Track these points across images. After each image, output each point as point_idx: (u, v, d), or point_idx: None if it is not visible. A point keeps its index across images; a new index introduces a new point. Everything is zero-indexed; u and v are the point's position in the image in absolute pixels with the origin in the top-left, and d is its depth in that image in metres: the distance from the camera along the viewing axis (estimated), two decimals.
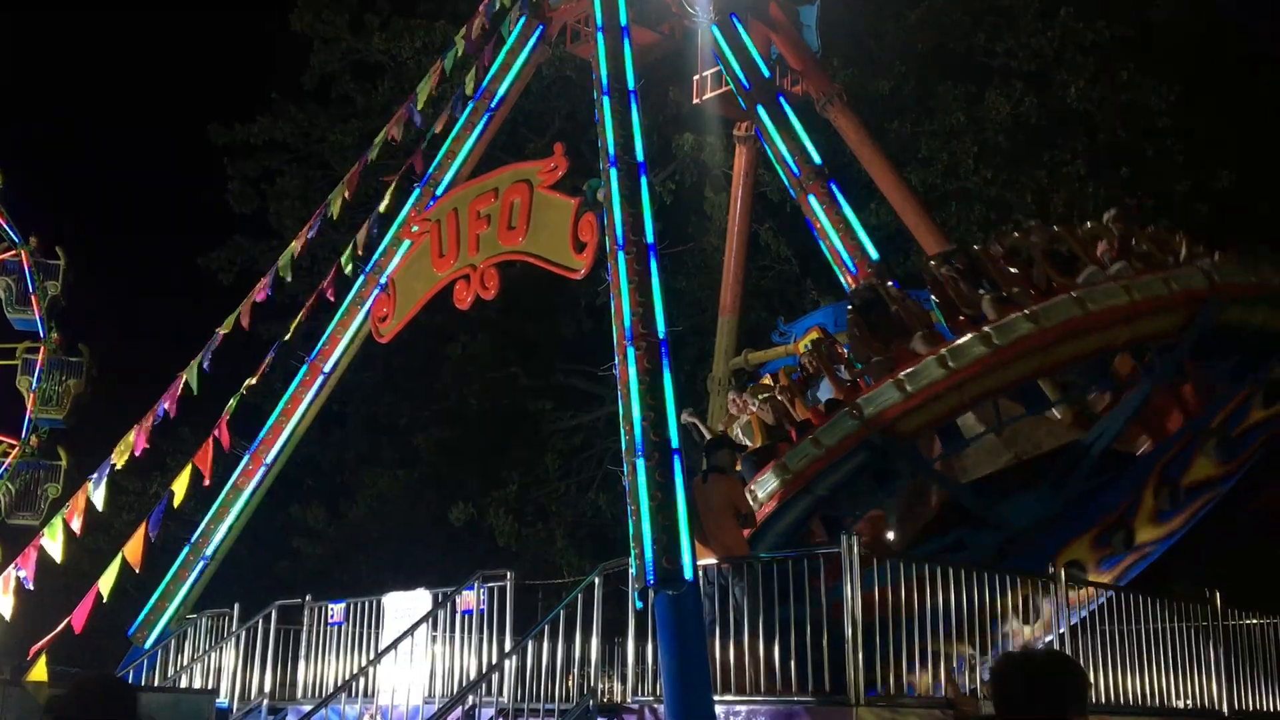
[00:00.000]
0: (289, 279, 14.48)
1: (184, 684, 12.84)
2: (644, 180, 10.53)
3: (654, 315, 9.71)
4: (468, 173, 14.36)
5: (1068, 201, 20.06)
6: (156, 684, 12.94)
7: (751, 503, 9.97)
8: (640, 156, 10.71)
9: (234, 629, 12.85)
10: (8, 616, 12.51)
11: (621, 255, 10.02)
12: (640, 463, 9.01)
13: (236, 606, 13.07)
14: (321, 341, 14.66)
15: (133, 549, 12.71)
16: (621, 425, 9.36)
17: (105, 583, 12.29)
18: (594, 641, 9.44)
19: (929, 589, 8.75)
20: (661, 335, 9.63)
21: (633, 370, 9.45)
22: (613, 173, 10.58)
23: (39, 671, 9.61)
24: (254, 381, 13.71)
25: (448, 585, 11.16)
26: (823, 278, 21.86)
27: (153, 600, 14.09)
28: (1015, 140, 20.99)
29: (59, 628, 12.10)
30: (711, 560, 9.38)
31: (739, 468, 10.27)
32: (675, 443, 9.14)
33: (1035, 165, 20.78)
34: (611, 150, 10.76)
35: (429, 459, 25.20)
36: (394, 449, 25.71)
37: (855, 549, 8.30)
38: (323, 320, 15.20)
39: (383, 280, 14.03)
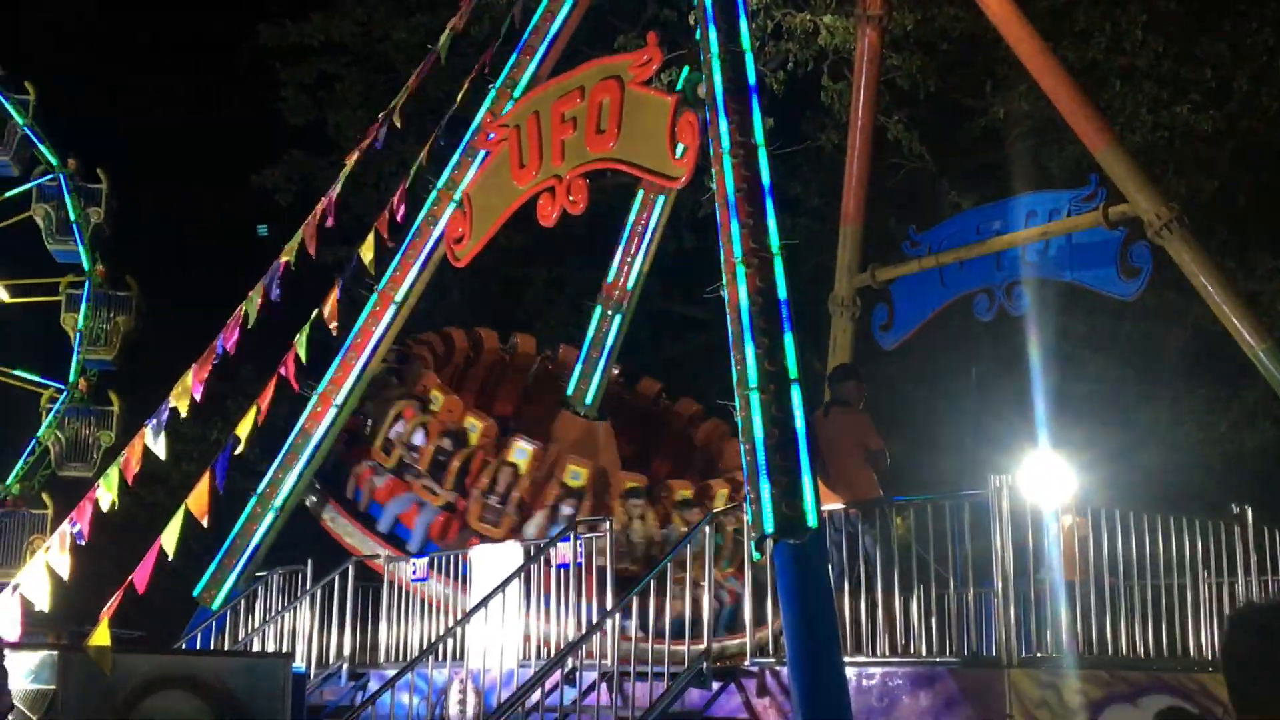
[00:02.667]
0: (345, 195, 14.70)
1: (256, 647, 13.34)
2: (751, 70, 10.42)
3: (766, 227, 9.66)
4: (549, 70, 14.36)
5: (1253, 78, 19.35)
6: (227, 648, 13.47)
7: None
8: (746, 44, 10.59)
9: (308, 587, 13.26)
10: (65, 576, 13.08)
11: (727, 159, 9.97)
12: (754, 396, 9.03)
13: (310, 563, 13.47)
14: (392, 267, 14.86)
15: (197, 501, 13.14)
16: (732, 354, 9.37)
17: (168, 539, 12.75)
18: (706, 598, 9.58)
19: (1096, 534, 8.73)
20: (775, 250, 9.59)
21: (743, 291, 9.43)
22: (715, 64, 10.49)
23: (101, 635, 10.06)
24: (327, 312, 13.96)
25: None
26: (962, 177, 21.49)
27: (219, 557, 14.56)
28: (1190, 7, 20.24)
29: (121, 588, 12.60)
30: (838, 505, 9.43)
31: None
32: (794, 372, 9.14)
33: (1215, 36, 20.03)
34: (714, 38, 10.66)
35: None
36: None
37: (1005, 491, 8.29)
38: (392, 244, 15.42)
39: (457, 196, 14.16)
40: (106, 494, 13.30)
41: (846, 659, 8.66)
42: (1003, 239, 13.59)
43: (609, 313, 16.26)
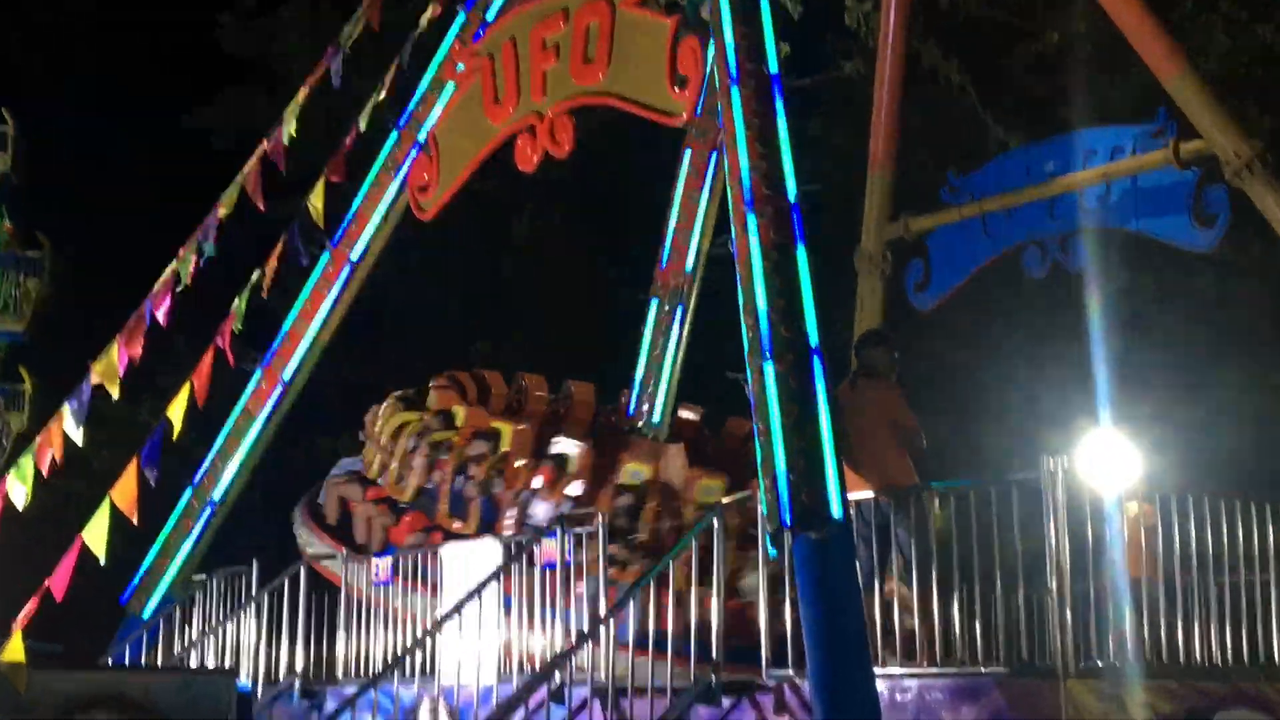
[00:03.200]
0: (294, 135, 14.63)
1: (194, 663, 13.36)
2: None
3: (781, 171, 9.63)
4: None
5: None
6: (160, 663, 13.47)
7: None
8: None
9: (254, 593, 13.27)
10: None
11: (736, 91, 9.93)
12: (768, 367, 9.04)
13: (255, 565, 13.46)
14: (346, 221, 14.84)
15: (123, 494, 13.07)
16: (743, 319, 9.38)
17: (92, 537, 12.71)
18: (714, 601, 9.60)
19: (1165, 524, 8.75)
20: (792, 198, 9.58)
21: (755, 244, 9.42)
22: None
23: (14, 650, 10.03)
24: (268, 275, 13.96)
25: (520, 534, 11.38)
26: (1010, 112, 21.41)
27: (150, 558, 14.60)
28: None
29: (37, 595, 12.59)
30: (866, 493, 9.44)
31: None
32: (814, 339, 9.14)
33: None
34: None
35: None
36: (445, 360, 26.11)
37: (1060, 475, 8.30)
38: (346, 194, 15.39)
39: (421, 137, 14.11)
40: (19, 487, 13.26)
41: (877, 669, 8.66)
42: (1057, 182, 13.55)
43: (667, 306, 15.95)
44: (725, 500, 10.49)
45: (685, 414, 15.82)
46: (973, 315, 19.86)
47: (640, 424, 15.77)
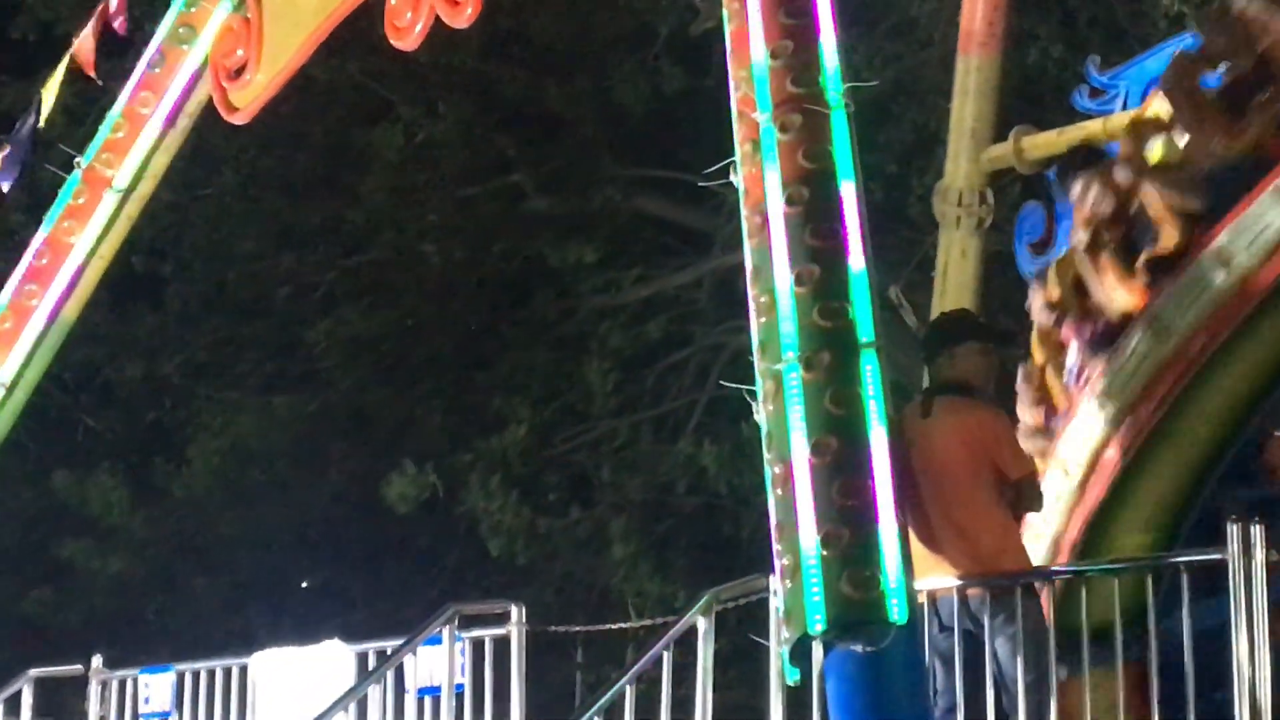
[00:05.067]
0: None
1: None
2: None
3: (818, 56, 9.71)
4: None
5: None
6: None
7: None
8: None
9: None
10: None
11: None
12: (790, 373, 9.09)
13: None
14: (106, 126, 14.84)
15: None
16: (749, 295, 9.47)
17: None
18: None
19: None
20: (835, 100, 9.63)
21: (773, 177, 9.48)
22: None
23: None
24: None
25: (387, 636, 11.37)
26: None
27: None
28: None
29: None
30: (948, 581, 9.53)
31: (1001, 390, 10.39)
32: (867, 331, 9.20)
33: None
34: None
35: (339, 371, 25.61)
36: (267, 351, 26.11)
37: (1258, 549, 8.37)
38: (107, 87, 15.39)
39: None
40: None
41: None
42: None
43: None
44: (717, 589, 10.52)
45: None
46: None
47: None
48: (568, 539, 23.59)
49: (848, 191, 9.43)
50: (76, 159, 14.55)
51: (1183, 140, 11.49)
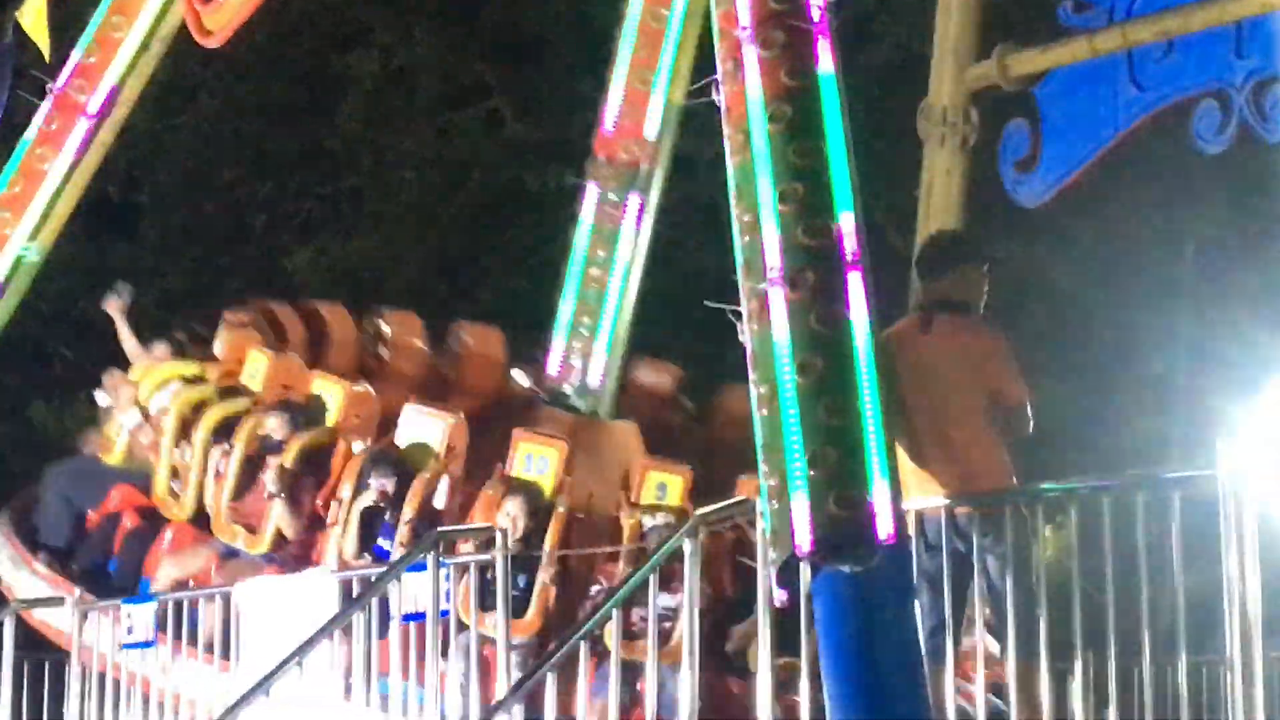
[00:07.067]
0: None
1: None
2: None
3: None
4: None
5: None
6: None
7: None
8: None
9: None
10: None
11: None
12: (775, 293, 9.05)
13: None
14: (79, 49, 14.76)
15: None
16: (733, 215, 9.44)
17: None
18: (687, 673, 9.63)
19: None
20: (816, 14, 9.57)
21: (756, 94, 9.42)
22: None
23: None
24: None
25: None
26: None
27: None
28: None
29: None
30: (936, 500, 9.50)
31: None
32: (852, 246, 9.15)
33: None
34: None
35: (317, 299, 25.58)
36: (245, 280, 26.05)
37: (1246, 473, 8.32)
38: (77, 8, 15.29)
39: None
40: None
41: None
42: None
43: (612, 195, 16.10)
44: (703, 511, 10.47)
45: (647, 377, 15.90)
46: (1104, 214, 19.96)
47: (568, 391, 15.83)
48: None
49: (831, 108, 9.40)
50: (49, 84, 14.51)
51: None
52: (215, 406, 14.37)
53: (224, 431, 14.23)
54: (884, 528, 8.69)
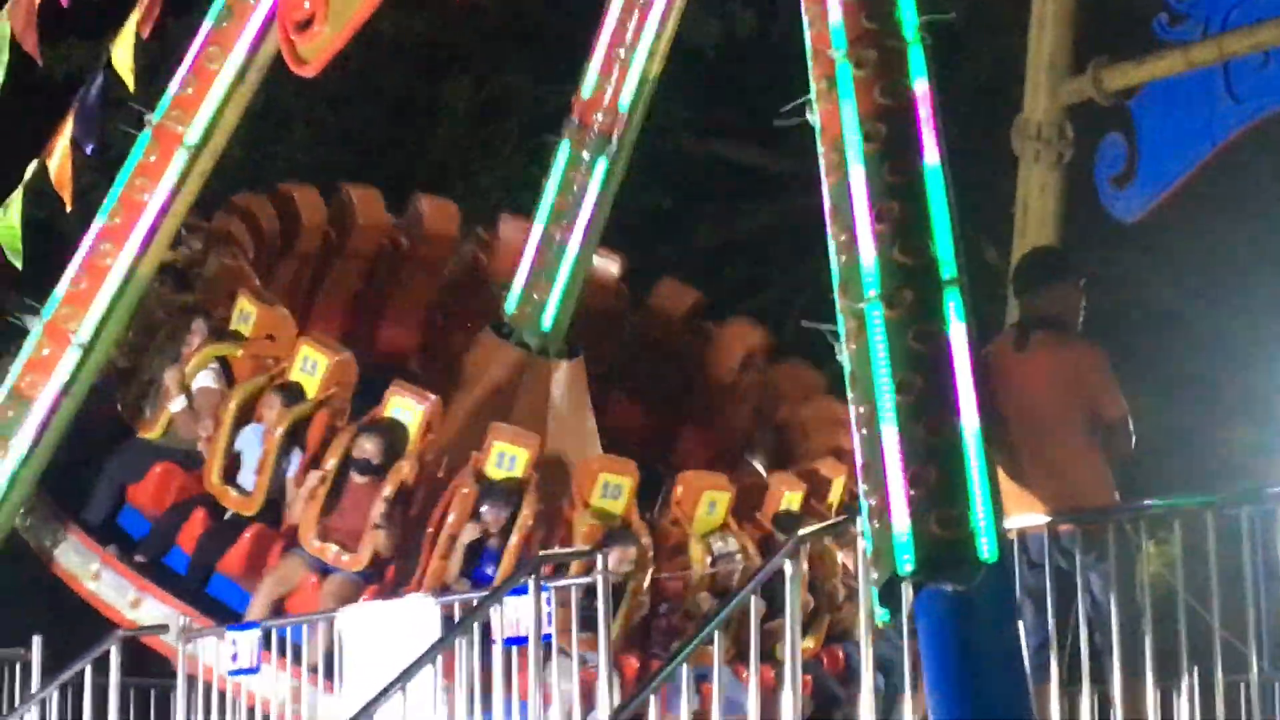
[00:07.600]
0: None
1: None
2: None
3: None
4: None
5: None
6: None
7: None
8: None
9: (36, 687, 13.46)
10: None
11: None
12: (873, 311, 9.05)
13: (38, 642, 13.68)
14: (176, 82, 14.83)
15: None
16: (828, 233, 9.41)
17: None
18: (788, 694, 9.62)
19: None
20: (912, 34, 9.57)
21: (850, 114, 9.41)
22: None
23: None
24: (54, 171, 13.99)
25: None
26: None
27: None
28: None
29: None
30: (1037, 518, 9.47)
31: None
32: (949, 267, 9.16)
33: None
34: None
35: None
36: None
37: None
38: (174, 40, 15.32)
39: None
40: None
41: None
42: None
43: (585, 155, 16.26)
44: (804, 532, 10.47)
45: (596, 263, 16.84)
46: (1202, 227, 19.83)
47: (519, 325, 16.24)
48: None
49: (929, 129, 9.39)
50: (147, 116, 14.57)
51: None
52: (279, 410, 14.46)
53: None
54: (986, 546, 8.70)
